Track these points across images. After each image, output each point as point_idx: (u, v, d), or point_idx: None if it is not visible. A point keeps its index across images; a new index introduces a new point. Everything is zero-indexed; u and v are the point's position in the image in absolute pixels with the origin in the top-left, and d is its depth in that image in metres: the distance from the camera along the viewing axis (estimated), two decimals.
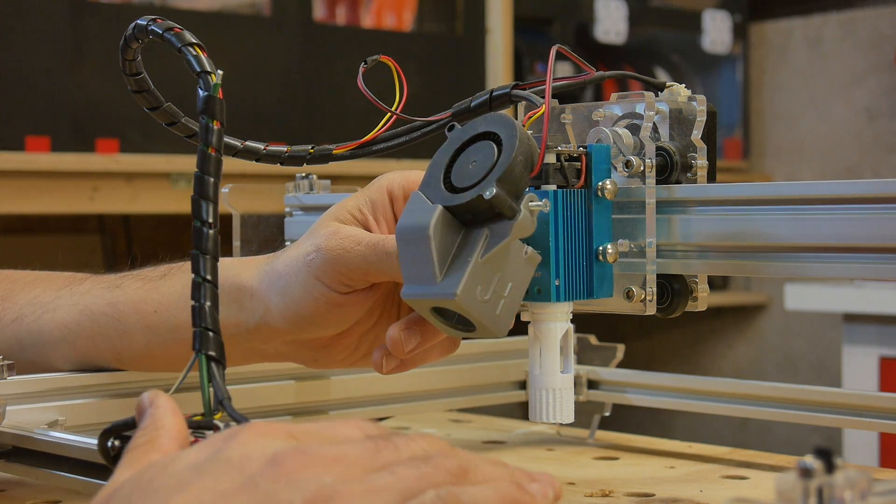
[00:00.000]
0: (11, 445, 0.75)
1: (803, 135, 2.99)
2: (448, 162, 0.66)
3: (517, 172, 0.63)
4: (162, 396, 0.56)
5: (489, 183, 0.63)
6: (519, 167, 0.63)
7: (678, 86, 0.74)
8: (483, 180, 0.63)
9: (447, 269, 0.63)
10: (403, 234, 0.64)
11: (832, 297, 2.24)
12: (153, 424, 0.54)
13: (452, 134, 0.67)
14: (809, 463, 0.45)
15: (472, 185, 0.63)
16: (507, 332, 0.65)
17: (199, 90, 0.63)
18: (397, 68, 0.72)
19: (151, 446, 0.54)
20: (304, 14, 2.26)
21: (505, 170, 0.63)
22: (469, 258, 0.63)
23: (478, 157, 0.65)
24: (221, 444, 0.50)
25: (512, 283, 0.65)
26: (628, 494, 0.78)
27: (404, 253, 0.64)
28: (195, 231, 0.61)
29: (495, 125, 0.65)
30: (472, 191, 0.63)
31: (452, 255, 0.63)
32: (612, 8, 2.73)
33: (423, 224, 0.63)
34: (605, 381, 0.96)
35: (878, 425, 0.82)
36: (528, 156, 0.64)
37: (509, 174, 0.63)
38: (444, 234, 0.63)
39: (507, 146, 0.63)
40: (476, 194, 0.63)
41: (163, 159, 2.07)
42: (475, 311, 0.63)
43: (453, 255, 0.63)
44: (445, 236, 0.63)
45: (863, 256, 0.66)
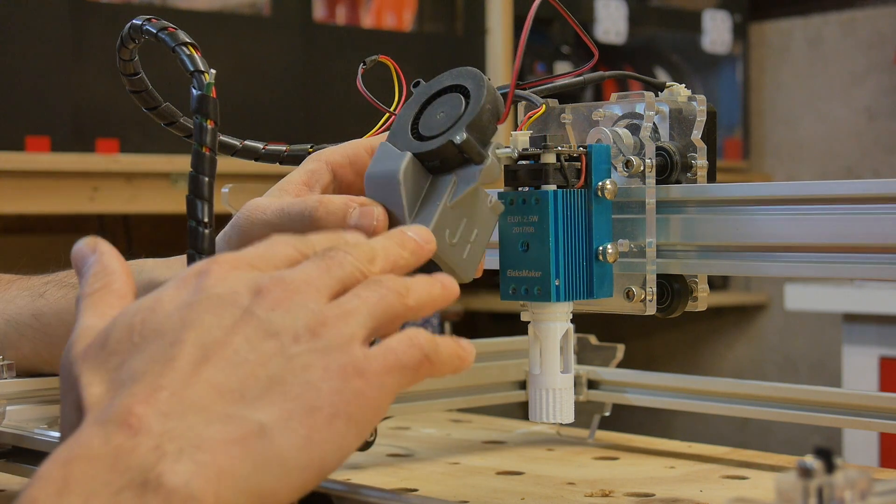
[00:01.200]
0: (11, 445, 0.75)
1: (803, 135, 2.99)
2: (415, 115, 0.67)
3: (485, 120, 0.64)
4: (103, 242, 0.58)
5: (458, 129, 0.64)
6: (487, 115, 0.64)
7: (678, 86, 0.74)
8: (452, 127, 0.64)
9: (416, 214, 0.64)
10: (373, 182, 0.66)
11: (832, 297, 2.24)
12: (103, 270, 0.57)
13: (418, 89, 0.68)
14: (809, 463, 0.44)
15: (441, 133, 0.65)
16: (472, 277, 0.66)
17: (193, 89, 0.63)
18: (396, 68, 0.72)
19: (108, 290, 0.56)
20: (304, 14, 2.26)
21: (474, 117, 0.64)
22: (437, 202, 0.64)
23: (445, 108, 0.66)
24: (197, 281, 0.54)
25: (478, 230, 0.66)
26: (628, 494, 0.78)
27: (369, 184, 0.66)
28: (191, 231, 0.61)
29: (462, 78, 0.67)
30: (442, 137, 0.64)
31: (421, 200, 0.64)
32: (612, 8, 2.73)
33: (392, 170, 0.64)
34: (605, 381, 0.96)
35: (878, 425, 0.82)
36: (495, 105, 0.65)
37: (478, 121, 0.64)
38: (413, 181, 0.64)
39: (475, 95, 0.65)
40: (446, 140, 0.64)
41: (163, 159, 2.07)
42: (443, 255, 0.64)
43: (422, 201, 0.65)
44: (414, 182, 0.64)
45: (863, 256, 0.66)
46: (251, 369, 0.51)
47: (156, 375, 0.50)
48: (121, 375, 0.51)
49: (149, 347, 0.52)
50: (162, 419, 0.49)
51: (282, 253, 0.57)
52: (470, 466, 0.88)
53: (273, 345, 0.52)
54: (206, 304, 0.53)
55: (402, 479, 0.83)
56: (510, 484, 0.83)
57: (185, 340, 0.51)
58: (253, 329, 0.52)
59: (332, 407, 0.51)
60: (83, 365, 0.53)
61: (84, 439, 0.49)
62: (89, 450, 0.48)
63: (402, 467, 0.87)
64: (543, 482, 0.83)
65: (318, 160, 0.72)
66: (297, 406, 0.51)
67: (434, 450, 0.93)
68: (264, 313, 0.53)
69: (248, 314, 0.52)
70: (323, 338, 0.53)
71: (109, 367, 0.52)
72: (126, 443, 0.48)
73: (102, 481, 0.47)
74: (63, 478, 0.47)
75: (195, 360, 0.51)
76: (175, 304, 0.53)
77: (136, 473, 0.47)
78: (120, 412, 0.49)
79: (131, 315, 0.54)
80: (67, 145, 2.00)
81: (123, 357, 0.52)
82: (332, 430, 0.51)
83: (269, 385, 0.51)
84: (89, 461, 0.48)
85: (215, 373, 0.51)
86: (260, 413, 0.50)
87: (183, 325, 0.52)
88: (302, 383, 0.51)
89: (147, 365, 0.51)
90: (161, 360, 0.51)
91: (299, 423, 0.50)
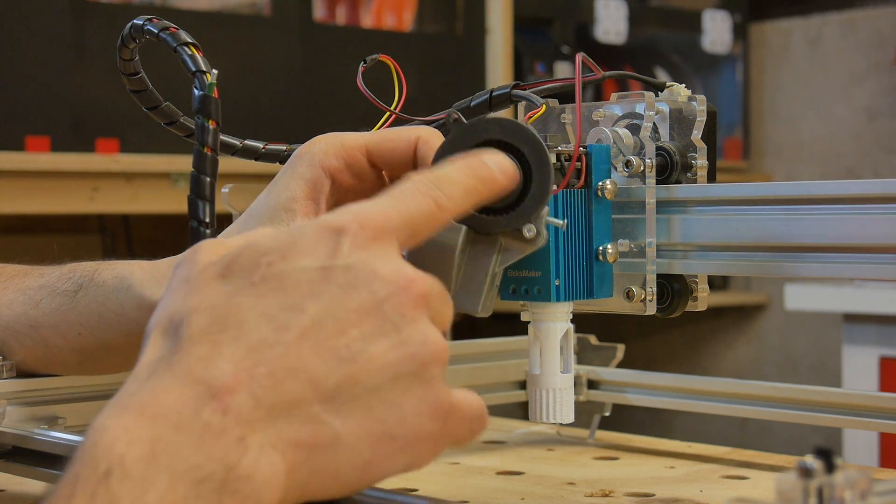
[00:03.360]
0: (11, 445, 0.75)
1: (803, 135, 2.99)
2: None
3: (547, 200, 0.62)
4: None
5: (525, 217, 0.61)
6: (549, 196, 0.62)
7: (678, 86, 0.74)
8: (516, 209, 0.62)
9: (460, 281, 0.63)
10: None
11: (832, 297, 2.24)
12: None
13: (457, 129, 0.63)
14: (809, 463, 0.44)
15: (502, 210, 0.62)
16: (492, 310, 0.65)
17: (195, 89, 0.63)
18: (397, 67, 0.72)
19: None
20: (304, 14, 2.26)
21: (541, 206, 0.62)
22: (484, 272, 0.63)
23: None
24: (336, 240, 0.50)
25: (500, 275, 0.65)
26: (628, 494, 0.78)
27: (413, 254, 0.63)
28: (192, 231, 0.61)
29: (514, 136, 0.62)
30: (506, 220, 0.62)
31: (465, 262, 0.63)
32: (612, 8, 2.73)
33: (447, 243, 0.62)
34: (605, 381, 0.96)
35: (878, 425, 0.82)
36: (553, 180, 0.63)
37: (544, 205, 0.62)
38: (463, 251, 0.63)
39: (541, 175, 0.62)
40: (513, 227, 0.62)
41: (163, 159, 2.07)
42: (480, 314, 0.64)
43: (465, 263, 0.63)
44: (462, 251, 0.63)
45: (863, 256, 0.66)
46: (355, 373, 0.49)
47: (261, 342, 0.48)
48: (229, 313, 0.49)
49: (267, 296, 0.49)
50: (252, 404, 0.47)
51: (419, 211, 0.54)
52: (470, 466, 0.88)
53: (390, 354, 0.50)
54: (340, 275, 0.50)
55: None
56: (510, 484, 0.83)
57: (305, 310, 0.49)
58: (376, 326, 0.50)
59: (406, 441, 0.50)
60: (200, 278, 0.51)
61: (174, 398, 0.47)
62: (179, 416, 0.46)
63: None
64: (543, 482, 0.83)
65: (314, 165, 0.69)
66: (376, 427, 0.49)
67: None
68: (395, 314, 0.50)
69: (378, 307, 0.50)
70: (431, 369, 0.51)
71: (222, 293, 0.50)
72: (215, 422, 0.46)
73: (187, 464, 0.46)
74: (151, 441, 0.46)
75: (306, 336, 0.49)
76: (309, 260, 0.50)
77: (219, 466, 0.46)
78: (216, 379, 0.47)
79: (262, 251, 0.51)
80: (67, 145, 2.00)
81: (238, 292, 0.50)
82: (391, 462, 0.50)
83: (362, 395, 0.49)
84: (177, 430, 0.46)
85: (318, 363, 0.48)
86: (339, 422, 0.49)
87: (310, 289, 0.49)
88: (393, 406, 0.49)
89: (257, 320, 0.49)
90: (273, 323, 0.49)
91: (368, 445, 0.49)
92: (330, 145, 0.69)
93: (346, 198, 0.70)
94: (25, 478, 0.76)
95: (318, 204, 0.68)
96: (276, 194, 0.69)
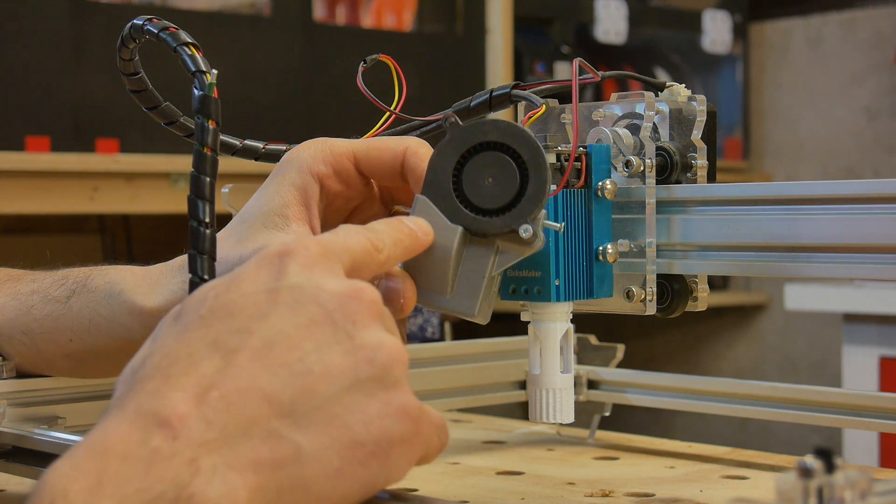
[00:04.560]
0: (11, 445, 0.75)
1: (803, 135, 2.99)
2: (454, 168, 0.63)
3: (545, 202, 0.62)
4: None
5: (522, 217, 0.61)
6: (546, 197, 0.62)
7: (678, 86, 0.74)
8: (512, 210, 0.62)
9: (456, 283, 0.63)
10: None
11: (832, 297, 2.24)
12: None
13: (453, 132, 0.63)
14: (809, 463, 0.44)
15: (498, 211, 0.62)
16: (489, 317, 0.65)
17: (195, 89, 0.63)
18: (396, 67, 0.72)
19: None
20: (304, 14, 2.26)
21: (538, 206, 0.61)
22: (481, 275, 0.62)
23: (494, 173, 0.62)
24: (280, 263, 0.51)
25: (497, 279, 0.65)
26: (628, 494, 0.78)
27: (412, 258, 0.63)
28: (192, 231, 0.61)
29: (510, 138, 0.62)
30: (502, 221, 0.62)
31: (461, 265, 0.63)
32: (612, 8, 2.73)
33: (443, 244, 0.62)
34: (605, 381, 0.96)
35: (878, 425, 0.82)
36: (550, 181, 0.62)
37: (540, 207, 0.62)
38: (459, 253, 0.63)
39: (538, 177, 0.61)
40: (508, 228, 0.61)
41: (163, 159, 2.07)
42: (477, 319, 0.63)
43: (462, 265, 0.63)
44: (458, 253, 0.63)
45: (863, 256, 0.66)
46: (311, 383, 0.49)
47: (212, 369, 0.48)
48: (179, 348, 0.50)
49: (214, 325, 0.50)
50: (204, 427, 0.47)
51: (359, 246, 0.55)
52: (470, 466, 0.88)
53: (345, 360, 0.50)
54: (286, 294, 0.50)
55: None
56: (510, 484, 0.83)
57: (253, 332, 0.49)
58: (329, 337, 0.50)
59: (376, 445, 0.49)
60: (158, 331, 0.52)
61: (123, 432, 0.47)
62: (127, 446, 0.47)
63: None
64: (543, 482, 0.83)
65: (303, 171, 0.69)
66: (341, 436, 0.49)
67: None
68: (346, 322, 0.50)
69: (328, 318, 0.50)
70: (392, 371, 0.50)
71: (173, 333, 0.50)
72: (164, 447, 0.46)
73: (136, 487, 0.46)
74: (97, 473, 0.46)
75: (257, 355, 0.49)
76: (253, 286, 0.51)
77: (170, 487, 0.46)
78: (165, 409, 0.47)
79: (207, 289, 0.52)
80: (67, 145, 2.00)
81: (188, 328, 0.50)
82: (365, 469, 0.50)
83: (322, 405, 0.49)
84: (125, 460, 0.46)
85: (272, 380, 0.48)
86: (301, 435, 0.48)
87: (256, 312, 0.50)
88: (357, 412, 0.49)
89: (206, 350, 0.49)
90: (222, 349, 0.49)
91: (336, 454, 0.49)
92: (318, 151, 0.69)
93: (336, 203, 0.70)
94: (25, 478, 0.76)
95: (309, 209, 0.68)
96: (268, 200, 0.69)
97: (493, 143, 0.62)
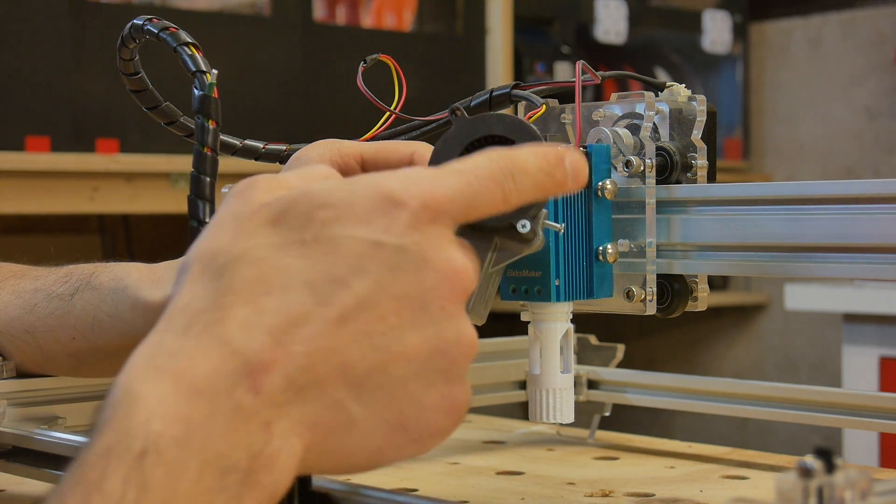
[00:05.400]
0: (11, 445, 0.75)
1: (803, 135, 2.99)
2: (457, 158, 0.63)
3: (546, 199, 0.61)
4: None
5: (522, 213, 0.60)
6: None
7: (678, 86, 0.74)
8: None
9: None
10: None
11: (832, 297, 2.24)
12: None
13: (458, 123, 0.63)
14: (809, 463, 0.44)
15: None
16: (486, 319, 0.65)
17: (195, 89, 0.63)
18: (397, 67, 0.72)
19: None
20: (304, 14, 2.26)
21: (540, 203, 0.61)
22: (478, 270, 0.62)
23: None
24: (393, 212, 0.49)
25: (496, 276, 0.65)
26: (628, 494, 0.78)
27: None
28: (192, 231, 0.61)
29: (514, 132, 0.62)
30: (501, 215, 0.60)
31: None
32: (612, 8, 2.73)
33: None
34: (605, 381, 0.96)
35: (878, 425, 0.82)
36: None
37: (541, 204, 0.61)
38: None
39: None
40: (507, 223, 0.60)
41: (163, 159, 2.07)
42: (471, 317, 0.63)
43: None
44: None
45: (863, 256, 0.66)
46: (385, 361, 0.48)
47: (302, 315, 0.47)
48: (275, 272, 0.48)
49: (315, 261, 0.48)
50: (284, 385, 0.46)
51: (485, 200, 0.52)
52: (470, 466, 0.88)
53: (423, 347, 0.49)
54: (390, 254, 0.49)
55: (402, 479, 0.83)
56: (510, 484, 0.83)
57: (350, 287, 0.48)
58: (415, 317, 0.49)
59: (419, 434, 0.49)
60: (251, 219, 0.49)
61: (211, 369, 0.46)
62: (214, 393, 0.46)
63: (402, 467, 0.87)
64: (543, 482, 0.83)
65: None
66: (392, 417, 0.49)
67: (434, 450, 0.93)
68: (435, 307, 0.49)
69: (420, 297, 0.49)
70: (460, 367, 0.50)
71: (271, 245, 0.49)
72: (246, 402, 0.46)
73: (217, 450, 0.45)
74: (186, 420, 0.45)
75: (346, 317, 0.48)
76: (363, 229, 0.49)
77: (244, 455, 0.45)
78: (253, 353, 0.46)
79: (317, 204, 0.49)
80: (67, 145, 2.00)
81: (288, 248, 0.49)
82: (400, 451, 0.50)
83: (387, 385, 0.48)
84: (211, 411, 0.45)
85: (352, 347, 0.48)
86: (359, 409, 0.48)
87: (358, 265, 0.48)
88: (414, 398, 0.49)
89: (302, 288, 0.48)
90: (317, 295, 0.48)
91: (382, 434, 0.49)
92: (326, 150, 0.70)
93: None
94: (25, 478, 0.76)
95: None
96: None
97: (498, 136, 0.62)
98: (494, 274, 0.64)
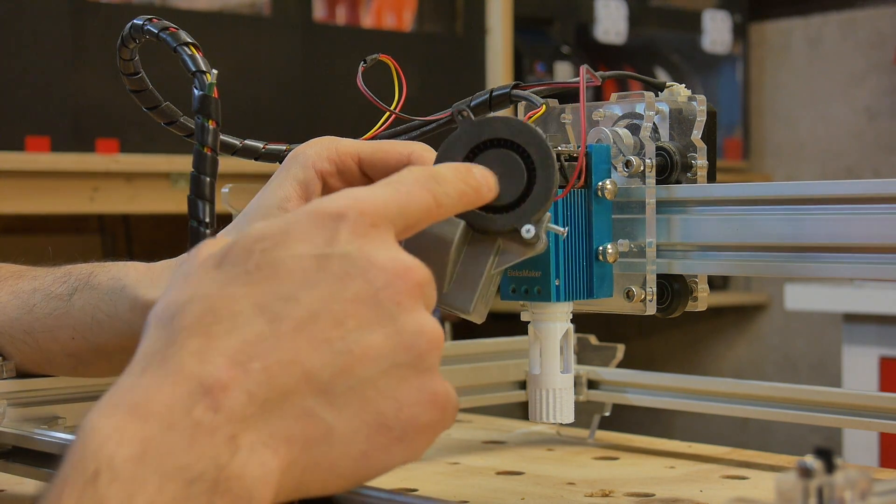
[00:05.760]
0: (11, 445, 0.75)
1: (803, 135, 2.99)
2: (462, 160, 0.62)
3: (549, 204, 0.62)
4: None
5: (525, 217, 0.61)
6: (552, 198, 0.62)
7: (678, 86, 0.74)
8: (517, 209, 0.61)
9: (455, 276, 0.62)
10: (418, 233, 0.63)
11: (832, 297, 2.24)
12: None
13: (464, 125, 0.63)
14: (809, 463, 0.44)
15: (502, 208, 0.61)
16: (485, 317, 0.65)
17: (195, 89, 0.63)
18: (397, 67, 0.72)
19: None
20: (304, 14, 2.26)
21: (543, 208, 0.61)
22: (480, 272, 0.62)
23: (502, 170, 0.61)
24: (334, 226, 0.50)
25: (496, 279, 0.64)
26: (628, 494, 0.78)
27: (410, 245, 0.63)
28: (192, 231, 0.61)
29: (520, 136, 0.62)
30: (505, 218, 0.61)
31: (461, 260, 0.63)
32: (612, 8, 2.73)
33: (444, 236, 0.61)
34: (605, 381, 0.96)
35: (878, 425, 0.82)
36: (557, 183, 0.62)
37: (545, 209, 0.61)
38: (460, 247, 0.62)
39: (545, 177, 0.61)
40: (511, 226, 0.61)
41: (163, 159, 2.07)
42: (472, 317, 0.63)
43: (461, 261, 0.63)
44: (459, 247, 0.62)
45: (863, 256, 0.66)
46: (349, 364, 0.49)
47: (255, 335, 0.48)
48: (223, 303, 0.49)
49: (261, 285, 0.49)
50: (245, 400, 0.47)
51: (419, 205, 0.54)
52: (470, 466, 0.88)
53: (386, 344, 0.49)
54: (336, 264, 0.49)
55: (402, 479, 0.83)
56: (510, 484, 0.83)
57: (300, 301, 0.49)
58: (372, 316, 0.49)
59: (403, 431, 0.50)
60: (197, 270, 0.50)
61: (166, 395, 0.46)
62: (171, 413, 0.46)
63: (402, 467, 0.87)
64: (543, 482, 0.83)
65: (307, 167, 0.69)
66: (370, 418, 0.49)
67: (434, 450, 0.93)
68: (391, 303, 0.50)
69: (374, 297, 0.49)
70: (428, 358, 0.50)
71: (216, 282, 0.50)
72: (206, 419, 0.46)
73: (178, 463, 0.45)
74: (142, 441, 0.45)
75: (301, 328, 0.48)
76: (304, 248, 0.50)
77: (210, 466, 0.46)
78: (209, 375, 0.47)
79: (255, 238, 0.50)
80: (67, 145, 2.00)
81: (233, 280, 0.49)
82: (388, 453, 0.50)
83: (357, 387, 0.49)
84: (169, 430, 0.46)
85: (313, 356, 0.48)
86: (333, 415, 0.48)
87: (304, 280, 0.49)
88: (388, 396, 0.49)
89: (251, 311, 0.48)
90: (267, 314, 0.48)
91: (363, 436, 0.49)
92: (324, 149, 0.70)
93: None
94: (25, 478, 0.76)
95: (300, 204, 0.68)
96: (269, 194, 0.70)
97: (504, 140, 0.62)
98: (496, 275, 0.64)
